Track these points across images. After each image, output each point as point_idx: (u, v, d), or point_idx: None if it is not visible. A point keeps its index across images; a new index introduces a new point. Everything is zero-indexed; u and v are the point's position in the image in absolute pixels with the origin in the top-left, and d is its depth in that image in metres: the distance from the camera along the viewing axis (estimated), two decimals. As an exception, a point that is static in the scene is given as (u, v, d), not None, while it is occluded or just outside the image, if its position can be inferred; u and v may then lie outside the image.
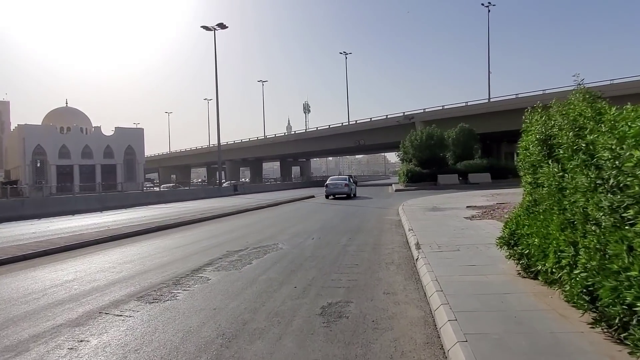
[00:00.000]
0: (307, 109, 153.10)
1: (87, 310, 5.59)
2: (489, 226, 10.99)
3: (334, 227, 13.71)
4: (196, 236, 12.70)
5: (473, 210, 15.26)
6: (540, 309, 4.41)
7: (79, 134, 67.83)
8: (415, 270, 7.13)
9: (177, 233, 13.52)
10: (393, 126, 59.85)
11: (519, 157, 6.39)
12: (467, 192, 29.49)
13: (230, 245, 10.47)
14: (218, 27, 44.61)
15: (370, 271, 7.28)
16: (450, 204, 19.07)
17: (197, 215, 18.32)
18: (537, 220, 5.14)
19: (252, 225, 15.34)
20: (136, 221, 17.11)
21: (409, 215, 14.57)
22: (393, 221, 14.71)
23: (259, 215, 19.51)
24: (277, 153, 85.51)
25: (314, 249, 9.75)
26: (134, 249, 10.61)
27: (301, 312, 5.18)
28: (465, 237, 9.46)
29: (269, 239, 11.38)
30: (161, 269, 8.01)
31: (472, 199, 21.64)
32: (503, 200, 18.88)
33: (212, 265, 8.16)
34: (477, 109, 53.09)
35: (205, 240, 11.64)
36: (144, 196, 33.64)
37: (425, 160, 43.80)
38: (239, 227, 14.68)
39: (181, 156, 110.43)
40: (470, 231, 10.34)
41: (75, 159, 66.54)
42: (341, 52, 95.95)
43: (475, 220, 12.49)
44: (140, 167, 73.54)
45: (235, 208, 22.20)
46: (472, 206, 16.83)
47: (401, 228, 12.64)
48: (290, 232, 12.85)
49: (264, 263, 8.27)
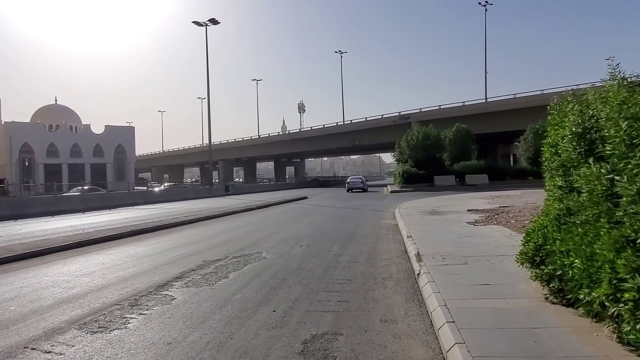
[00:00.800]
0: (302, 108, 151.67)
1: (10, 344, 4.46)
2: (496, 233, 9.96)
3: (326, 232, 12.63)
4: (173, 242, 11.57)
5: (475, 214, 14.24)
6: (588, 355, 3.34)
7: (67, 132, 66.32)
8: (418, 289, 6.06)
9: (153, 238, 12.37)
10: (388, 126, 58.94)
11: (544, 156, 5.35)
12: (465, 194, 28.54)
13: (209, 254, 9.36)
14: (210, 22, 43.43)
15: (365, 289, 6.20)
16: (450, 206, 18.05)
17: (180, 217, 17.17)
18: (574, 234, 4.08)
19: (237, 229, 14.22)
20: (116, 223, 15.97)
21: (406, 220, 13.53)
22: (389, 226, 13.66)
23: (246, 218, 18.39)
24: (271, 153, 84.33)
25: (301, 258, 8.66)
26: (99, 257, 9.46)
27: (277, 350, 4.09)
28: (471, 247, 8.40)
29: (253, 246, 10.28)
30: (122, 284, 6.89)
31: (472, 201, 20.65)
32: (505, 204, 17.90)
33: (182, 280, 7.05)
34: (474, 109, 52.25)
35: (182, 247, 10.51)
36: (131, 197, 32.38)
37: (422, 160, 42.85)
38: (222, 232, 13.56)
39: (174, 155, 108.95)
40: (476, 239, 9.30)
41: (63, 158, 65.01)
42: (336, 50, 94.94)
43: (480, 226, 11.45)
44: (131, 167, 72.09)
45: (223, 210, 21.06)
46: (474, 210, 15.81)
47: (398, 234, 11.58)
48: (277, 237, 11.75)
49: (243, 277, 7.17)
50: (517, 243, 8.47)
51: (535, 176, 43.47)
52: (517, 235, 9.37)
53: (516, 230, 10.15)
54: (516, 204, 17.68)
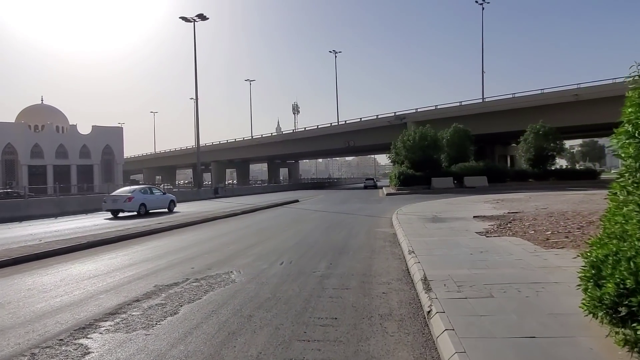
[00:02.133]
0: (296, 109, 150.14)
1: None
2: (516, 248, 8.27)
3: (313, 243, 10.91)
4: (131, 257, 9.78)
5: (484, 222, 12.57)
6: None
7: (53, 132, 64.17)
8: (430, 337, 4.36)
9: (111, 252, 10.57)
10: (384, 127, 57.39)
11: (623, 151, 3.64)
12: (466, 197, 26.91)
13: (166, 275, 7.61)
14: (198, 18, 41.65)
15: (356, 337, 4.48)
16: (453, 212, 16.39)
17: (152, 225, 15.36)
18: None
19: (213, 239, 12.45)
20: (80, 232, 14.20)
21: (406, 228, 11.84)
22: (387, 235, 11.96)
23: (228, 224, 16.61)
24: (264, 154, 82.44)
25: (278, 282, 6.94)
26: (29, 280, 7.66)
27: None
28: (491, 268, 6.72)
29: (224, 263, 8.55)
30: (32, 324, 5.13)
31: (476, 206, 19.00)
32: (513, 209, 16.25)
33: (114, 318, 5.29)
34: (471, 109, 50.83)
35: (137, 265, 8.74)
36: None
37: (418, 162, 41.26)
38: (194, 243, 11.79)
39: (166, 157, 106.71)
40: (493, 256, 7.61)
41: (48, 159, 62.91)
42: (331, 50, 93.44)
43: (493, 237, 9.76)
44: (119, 168, 70.03)
45: (203, 215, 19.28)
46: (481, 216, 14.13)
47: (397, 247, 9.88)
48: (256, 251, 10.02)
49: (196, 312, 5.44)
50: (549, 264, 6.82)
51: (536, 178, 42.09)
52: (544, 252, 7.71)
53: (539, 244, 8.48)
54: (525, 209, 16.04)
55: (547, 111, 43.08)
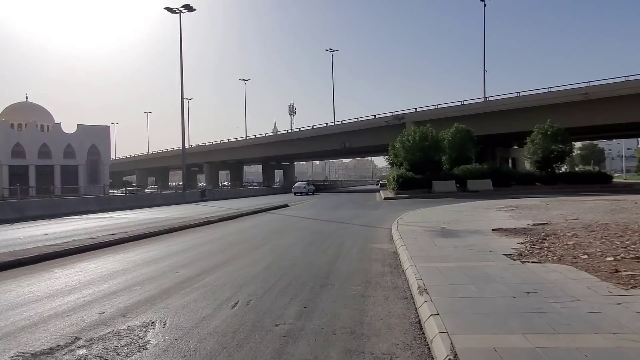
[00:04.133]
0: (293, 111, 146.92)
1: None
2: (576, 286, 5.63)
3: (289, 268, 8.26)
4: (26, 294, 7.10)
5: (508, 238, 9.93)
6: None
7: (35, 131, 61.18)
8: None
9: (7, 283, 7.88)
10: (381, 127, 54.82)
11: None
12: (472, 202, 24.29)
13: (45, 333, 4.95)
14: (184, 9, 39.06)
15: None
16: (463, 222, 13.78)
17: (101, 237, 12.66)
18: None
19: (161, 260, 9.73)
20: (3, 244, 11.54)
21: (410, 246, 9.21)
22: (385, 255, 9.32)
23: (195, 236, 13.92)
24: (258, 155, 79.68)
25: (215, 348, 4.29)
26: None
27: None
28: (561, 331, 4.06)
29: (151, 305, 5.90)
30: None
31: (488, 214, 16.40)
32: (537, 219, 13.63)
33: None
34: (474, 109, 48.29)
35: (25, 307, 6.06)
36: (82, 203, 27.75)
37: (418, 164, 38.66)
38: (133, 266, 9.07)
39: (158, 157, 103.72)
40: (551, 303, 4.95)
41: (31, 159, 59.88)
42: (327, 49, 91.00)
43: (533, 264, 7.08)
44: (106, 169, 67.04)
45: (170, 224, 16.60)
46: (501, 229, 11.47)
47: (401, 275, 7.24)
48: (208, 280, 7.36)
49: None
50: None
51: (543, 182, 39.47)
52: (625, 295, 5.10)
53: (609, 278, 5.84)
54: (552, 219, 13.43)
55: (554, 111, 40.57)
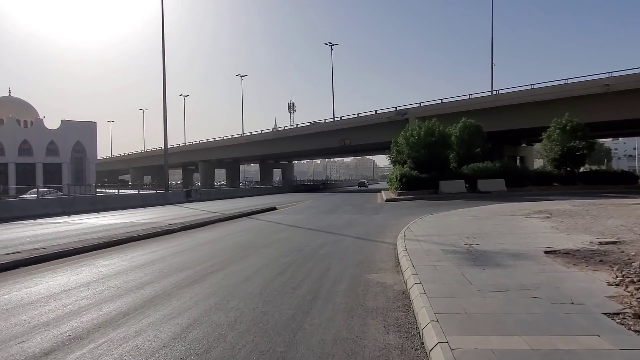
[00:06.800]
0: (293, 108, 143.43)
1: None
2: None
3: (230, 325, 4.73)
4: None
5: (581, 270, 6.42)
6: None
7: (15, 126, 57.89)
8: None
9: None
10: (383, 123, 51.29)
11: None
12: (488, 205, 20.71)
13: None
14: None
15: None
16: (493, 236, 10.28)
17: (21, 253, 9.19)
18: None
19: (63, 297, 6.29)
20: None
21: (430, 286, 5.75)
22: (390, 299, 5.83)
23: (132, 254, 10.40)
24: (256, 154, 76.08)
25: None
26: None
27: None
28: None
29: None
30: None
31: (519, 223, 12.89)
32: (592, 232, 10.09)
33: None
34: (482, 103, 44.71)
35: None
36: (42, 205, 24.31)
37: (424, 161, 35.10)
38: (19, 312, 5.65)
39: (153, 155, 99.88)
40: None
41: (10, 156, 56.64)
42: (327, 42, 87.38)
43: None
44: (92, 167, 63.73)
45: (109, 235, 13.14)
46: (556, 251, 7.98)
47: (419, 357, 3.78)
48: (102, 350, 3.90)
49: None
50: None
51: (561, 182, 35.94)
52: None
53: None
54: (614, 232, 9.91)
55: (572, 105, 37.03)
